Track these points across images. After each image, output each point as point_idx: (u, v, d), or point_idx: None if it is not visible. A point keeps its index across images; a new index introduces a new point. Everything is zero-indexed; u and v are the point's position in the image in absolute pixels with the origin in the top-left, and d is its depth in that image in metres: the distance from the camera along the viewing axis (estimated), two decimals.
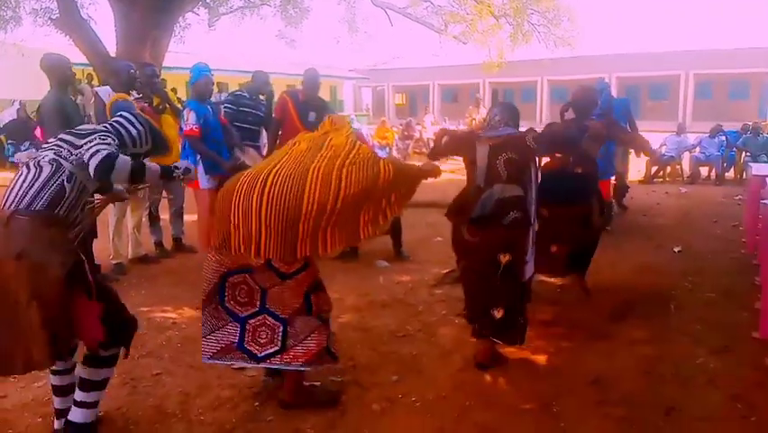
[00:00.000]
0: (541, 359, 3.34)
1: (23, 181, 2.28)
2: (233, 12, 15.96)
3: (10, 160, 12.55)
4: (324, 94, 5.93)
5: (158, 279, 4.88)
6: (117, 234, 4.98)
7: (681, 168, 11.09)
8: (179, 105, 5.44)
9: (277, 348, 2.61)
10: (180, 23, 13.69)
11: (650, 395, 2.90)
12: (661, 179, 10.71)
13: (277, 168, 2.57)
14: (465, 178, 3.36)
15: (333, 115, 3.16)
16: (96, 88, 5.23)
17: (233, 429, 2.64)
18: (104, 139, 2.41)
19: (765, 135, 10.98)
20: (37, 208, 2.23)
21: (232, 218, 2.53)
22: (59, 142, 2.41)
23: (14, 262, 2.10)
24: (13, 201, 2.25)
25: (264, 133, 5.94)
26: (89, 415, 2.43)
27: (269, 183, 2.51)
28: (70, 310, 2.20)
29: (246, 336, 2.63)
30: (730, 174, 11.05)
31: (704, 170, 11.12)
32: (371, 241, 5.30)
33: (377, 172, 2.56)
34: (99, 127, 2.58)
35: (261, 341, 2.62)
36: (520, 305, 3.19)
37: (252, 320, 2.62)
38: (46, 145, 2.47)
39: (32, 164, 2.34)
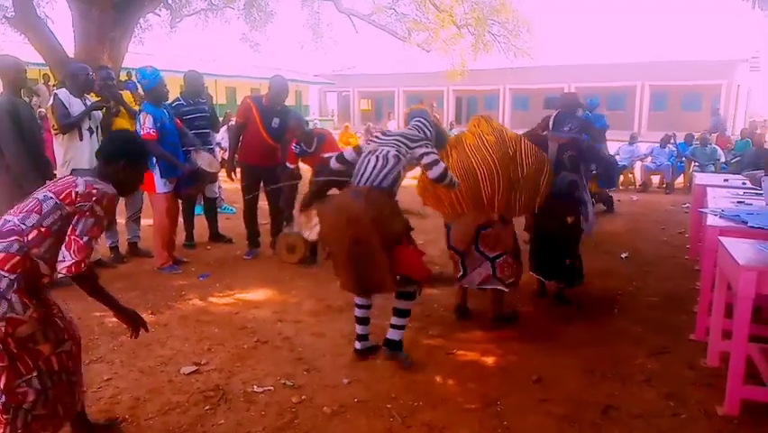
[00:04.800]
0: (489, 360, 3.45)
1: (374, 167, 3.22)
2: (196, 13, 15.81)
3: None
4: (289, 99, 5.89)
5: (112, 283, 4.79)
6: None
7: (634, 176, 11.50)
8: (136, 108, 5.39)
9: (513, 279, 3.86)
10: (141, 24, 13.50)
11: (590, 394, 3.03)
12: (613, 188, 11.06)
13: (490, 154, 3.72)
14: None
15: (483, 114, 4.21)
16: (55, 90, 5.13)
17: None
18: (430, 147, 3.40)
19: (712, 146, 11.46)
20: (384, 186, 3.18)
21: (483, 189, 3.70)
22: (397, 142, 3.33)
23: (372, 222, 3.00)
24: (368, 180, 3.20)
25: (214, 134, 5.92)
26: (401, 334, 3.37)
27: (495, 163, 3.69)
28: (398, 256, 3.10)
29: (496, 270, 3.80)
30: (681, 182, 11.50)
31: (655, 179, 11.54)
32: None
33: (544, 159, 3.95)
34: (420, 135, 3.45)
35: (507, 273, 3.81)
36: (580, 257, 4.37)
37: (499, 260, 3.79)
38: (383, 140, 3.39)
39: (380, 155, 3.26)
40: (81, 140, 4.76)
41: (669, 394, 3.02)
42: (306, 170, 5.60)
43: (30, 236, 2.16)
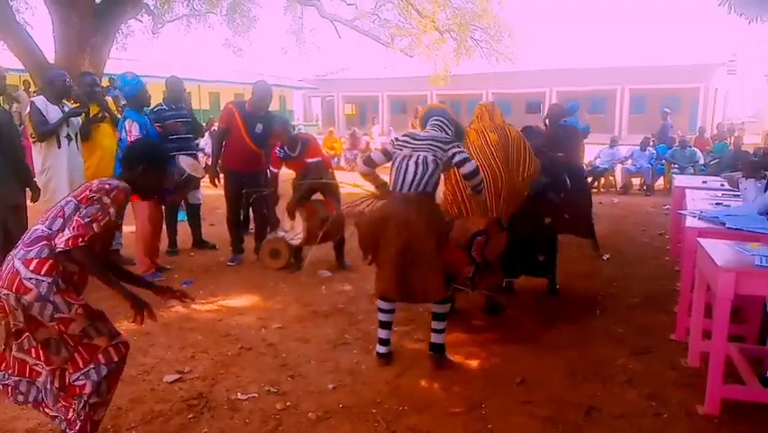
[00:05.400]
0: (473, 363, 3.47)
1: (415, 173, 3.24)
2: (179, 19, 15.72)
3: None
4: (273, 104, 5.86)
5: (93, 292, 4.72)
6: None
7: (614, 179, 11.63)
8: (119, 115, 5.34)
9: (488, 285, 3.79)
10: (123, 30, 13.38)
11: (573, 395, 3.06)
12: (595, 190, 11.17)
13: (494, 157, 3.86)
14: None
15: (486, 104, 4.32)
16: (32, 98, 5.08)
17: None
18: (461, 148, 3.44)
19: (691, 148, 11.64)
20: (428, 191, 3.26)
21: (488, 192, 3.68)
22: (431, 146, 3.33)
23: (425, 227, 3.11)
24: (411, 185, 3.23)
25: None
26: (442, 337, 3.40)
27: (499, 167, 3.84)
28: (447, 257, 3.23)
29: (476, 276, 3.62)
30: (661, 185, 11.65)
31: (636, 181, 11.68)
32: (315, 251, 5.36)
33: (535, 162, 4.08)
34: (448, 137, 3.47)
35: (484, 281, 3.69)
36: (554, 254, 4.60)
37: (482, 267, 3.62)
38: (416, 145, 3.35)
39: (419, 161, 3.27)
40: (60, 147, 4.70)
41: (650, 394, 3.06)
42: (289, 174, 5.59)
43: (56, 239, 2.30)
